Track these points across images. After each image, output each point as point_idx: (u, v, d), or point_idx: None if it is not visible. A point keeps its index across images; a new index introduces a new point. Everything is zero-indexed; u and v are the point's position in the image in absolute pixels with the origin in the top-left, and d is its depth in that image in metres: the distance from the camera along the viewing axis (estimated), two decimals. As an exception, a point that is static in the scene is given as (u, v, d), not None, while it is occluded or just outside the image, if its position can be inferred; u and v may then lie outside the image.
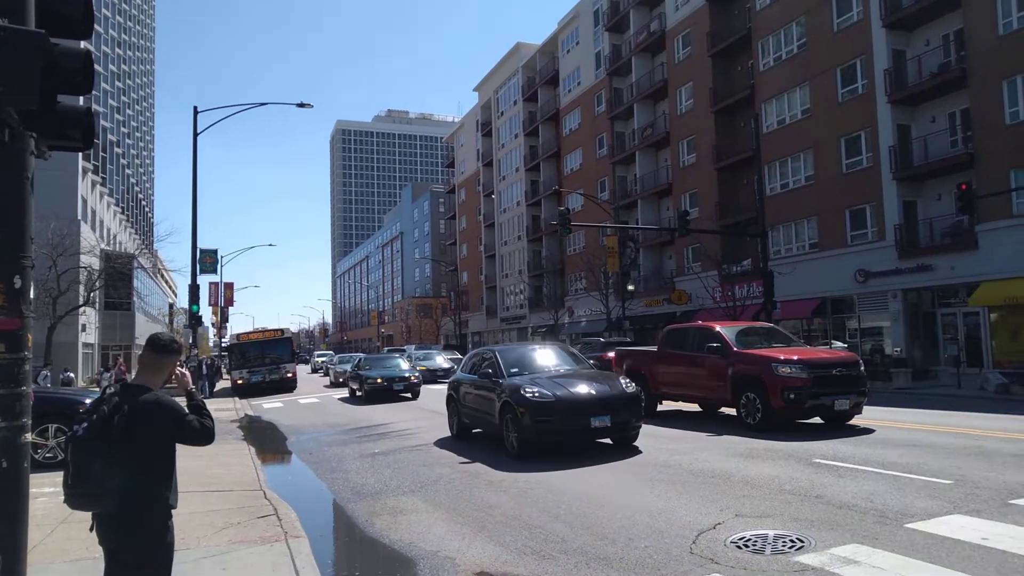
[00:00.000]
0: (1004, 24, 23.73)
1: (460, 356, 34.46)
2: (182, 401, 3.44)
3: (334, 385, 34.10)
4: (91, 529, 3.28)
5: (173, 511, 3.39)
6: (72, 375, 34.81)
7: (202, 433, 3.35)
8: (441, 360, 35.42)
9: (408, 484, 9.16)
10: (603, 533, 6.33)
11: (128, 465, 3.13)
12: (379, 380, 23.17)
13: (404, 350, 43.49)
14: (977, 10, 24.47)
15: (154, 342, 3.47)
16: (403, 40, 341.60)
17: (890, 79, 27.30)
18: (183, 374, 3.62)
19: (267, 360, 31.67)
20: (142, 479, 3.18)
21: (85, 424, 3.15)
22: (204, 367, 30.57)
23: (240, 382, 30.93)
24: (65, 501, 3.19)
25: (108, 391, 3.33)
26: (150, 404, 3.24)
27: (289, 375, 31.51)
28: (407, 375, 23.95)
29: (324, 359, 53.74)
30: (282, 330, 35.88)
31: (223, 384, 35.54)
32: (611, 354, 27.63)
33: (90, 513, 3.25)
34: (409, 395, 23.57)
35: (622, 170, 48.03)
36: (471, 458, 10.83)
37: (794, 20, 32.14)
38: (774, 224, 31.66)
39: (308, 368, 59.25)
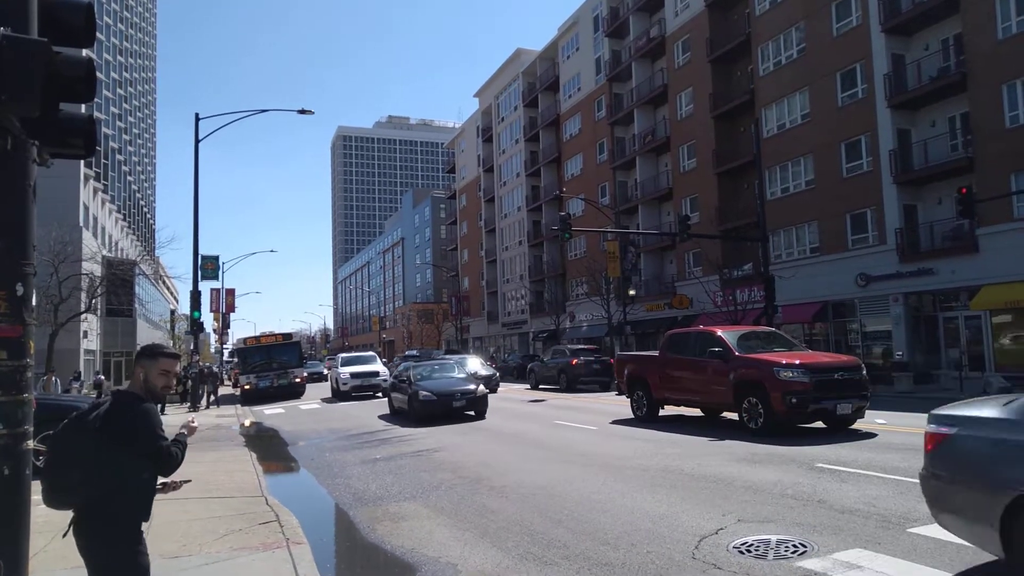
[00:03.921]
0: (1003, 28, 23.78)
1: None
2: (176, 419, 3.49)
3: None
4: (63, 536, 3.30)
5: (147, 527, 3.41)
6: (102, 377, 35.02)
7: (163, 456, 3.28)
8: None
9: (409, 490, 9.16)
10: (605, 538, 6.32)
11: (96, 465, 3.15)
12: None
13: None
14: (976, 15, 24.51)
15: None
16: (404, 47, 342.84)
17: (890, 83, 27.34)
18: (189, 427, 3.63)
19: (275, 365, 31.21)
20: (109, 482, 3.17)
21: (66, 420, 3.26)
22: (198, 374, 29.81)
23: (247, 387, 30.32)
24: (43, 498, 3.23)
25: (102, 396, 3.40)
26: (124, 406, 3.29)
27: (297, 380, 31.09)
28: None
29: (358, 371, 28.79)
30: (290, 334, 35.46)
31: (224, 390, 35.23)
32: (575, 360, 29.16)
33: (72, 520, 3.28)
34: None
35: (623, 175, 48.09)
36: (472, 464, 10.82)
37: (793, 25, 32.21)
38: (775, 228, 31.66)
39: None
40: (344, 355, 31.82)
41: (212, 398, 28.71)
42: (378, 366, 29.32)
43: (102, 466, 3.16)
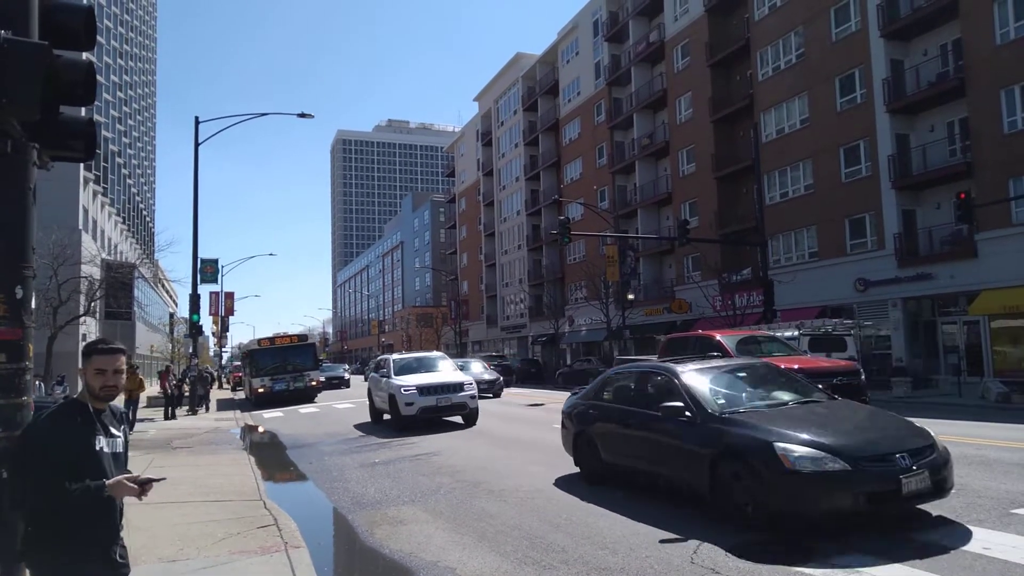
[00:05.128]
0: (1002, 34, 23.83)
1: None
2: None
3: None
4: None
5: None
6: None
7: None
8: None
9: (408, 494, 9.14)
10: (604, 543, 6.31)
11: (20, 491, 2.86)
12: None
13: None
14: (975, 20, 24.57)
15: None
16: (404, 51, 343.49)
17: (889, 88, 27.39)
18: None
19: (289, 367, 30.43)
20: (49, 491, 2.78)
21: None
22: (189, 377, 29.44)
23: (261, 391, 29.43)
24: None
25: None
26: (52, 409, 2.97)
27: (313, 383, 30.61)
28: None
29: None
30: (304, 335, 34.81)
31: (220, 393, 34.95)
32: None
33: None
34: None
35: (622, 179, 48.13)
36: (471, 468, 10.80)
37: (792, 30, 32.28)
38: (774, 233, 31.70)
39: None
40: (396, 357, 19.51)
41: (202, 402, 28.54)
42: (458, 374, 18.40)
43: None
